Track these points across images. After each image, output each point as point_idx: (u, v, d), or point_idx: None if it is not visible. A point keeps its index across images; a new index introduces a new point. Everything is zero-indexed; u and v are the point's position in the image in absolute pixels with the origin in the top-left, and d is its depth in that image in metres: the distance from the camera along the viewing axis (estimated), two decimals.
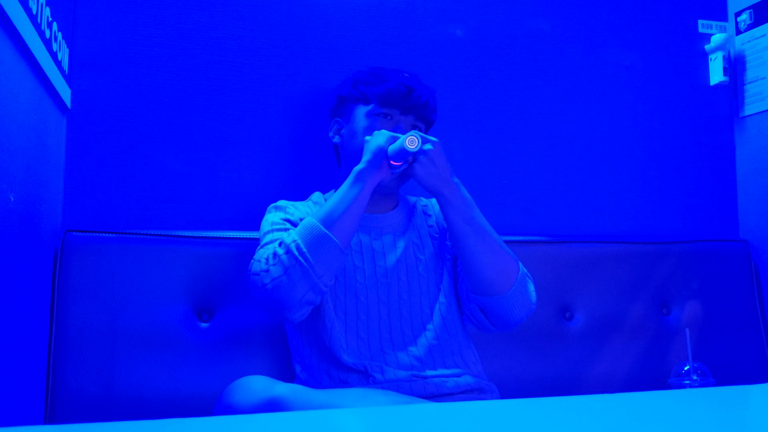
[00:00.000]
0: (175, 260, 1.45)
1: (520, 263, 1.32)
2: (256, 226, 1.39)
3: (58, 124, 1.42)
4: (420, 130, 1.42)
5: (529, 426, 0.71)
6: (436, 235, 1.42)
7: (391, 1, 1.74)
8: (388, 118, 1.38)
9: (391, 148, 1.27)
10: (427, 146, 1.27)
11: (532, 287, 1.33)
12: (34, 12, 1.14)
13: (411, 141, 1.25)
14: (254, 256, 1.25)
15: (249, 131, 1.62)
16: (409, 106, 1.38)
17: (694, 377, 1.41)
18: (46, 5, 1.23)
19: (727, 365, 1.71)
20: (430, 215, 1.45)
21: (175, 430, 0.70)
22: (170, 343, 1.41)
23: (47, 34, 1.24)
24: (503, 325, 1.33)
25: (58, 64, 1.35)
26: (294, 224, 1.32)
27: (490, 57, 1.80)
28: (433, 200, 1.48)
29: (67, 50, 1.44)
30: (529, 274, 1.34)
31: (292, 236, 1.21)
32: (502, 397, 1.37)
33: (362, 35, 1.71)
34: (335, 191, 1.32)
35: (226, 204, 1.59)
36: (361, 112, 1.40)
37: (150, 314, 1.41)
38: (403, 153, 1.25)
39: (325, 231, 1.20)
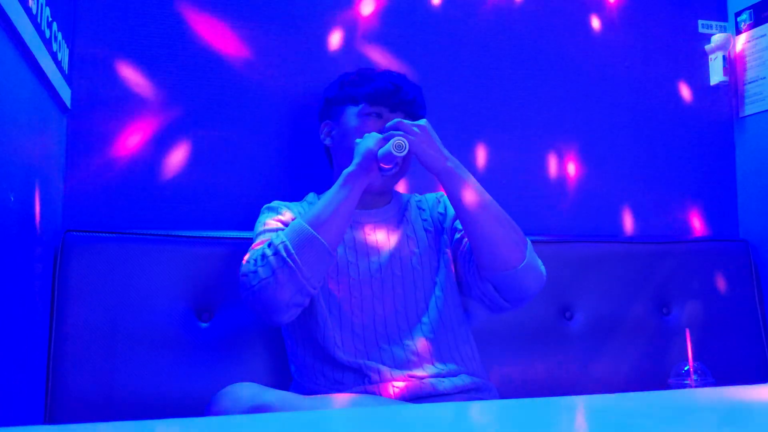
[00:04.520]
0: (175, 260, 1.45)
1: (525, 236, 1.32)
2: None
3: (58, 124, 1.42)
4: None
5: (529, 426, 0.71)
6: (431, 229, 1.42)
7: (390, 2, 1.74)
8: (378, 116, 1.38)
9: (381, 151, 1.27)
10: (414, 132, 1.27)
11: (539, 259, 1.33)
12: (34, 12, 1.14)
13: (398, 146, 1.24)
14: (245, 257, 1.26)
15: (248, 131, 1.61)
16: (397, 103, 1.39)
17: (694, 377, 1.41)
18: (46, 5, 1.23)
19: (727, 365, 1.70)
20: (423, 209, 1.45)
21: (175, 430, 0.70)
22: (170, 343, 1.41)
23: (47, 34, 1.24)
24: (518, 300, 1.33)
25: (58, 64, 1.35)
26: (286, 225, 1.32)
27: (490, 57, 1.80)
28: (428, 195, 1.49)
29: (67, 50, 1.44)
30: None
31: (280, 237, 1.21)
32: (502, 397, 1.37)
33: (360, 37, 1.71)
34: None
35: (226, 204, 1.59)
36: (350, 112, 1.40)
37: (150, 314, 1.41)
38: (391, 156, 1.25)
39: (313, 232, 1.20)
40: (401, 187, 1.53)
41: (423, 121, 1.30)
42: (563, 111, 1.84)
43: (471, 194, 1.28)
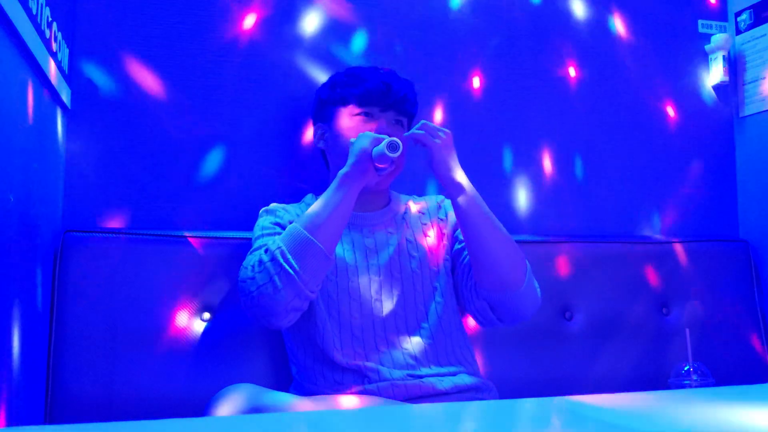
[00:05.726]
0: (175, 260, 1.45)
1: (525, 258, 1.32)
2: None
3: (58, 124, 1.42)
4: (402, 124, 1.41)
5: (529, 426, 0.71)
6: (431, 233, 1.42)
7: (390, 2, 1.74)
8: (370, 116, 1.38)
9: (375, 151, 1.26)
10: (439, 136, 1.27)
11: (536, 282, 1.33)
12: (34, 12, 1.14)
13: (392, 146, 1.23)
14: (243, 262, 1.25)
15: (248, 131, 1.61)
16: (389, 103, 1.38)
17: (694, 377, 1.41)
18: (46, 5, 1.23)
19: (727, 365, 1.71)
20: (423, 213, 1.45)
21: (175, 430, 0.70)
22: (170, 343, 1.41)
23: (47, 34, 1.24)
24: (512, 321, 1.34)
25: (58, 64, 1.35)
26: (284, 228, 1.31)
27: (491, 56, 1.80)
28: (429, 198, 1.48)
29: (67, 50, 1.44)
30: None
31: (277, 243, 1.20)
32: (502, 397, 1.37)
33: (360, 36, 1.71)
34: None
35: (226, 204, 1.59)
36: (342, 113, 1.40)
37: (150, 314, 1.41)
38: (386, 156, 1.24)
39: (310, 237, 1.19)
40: (398, 188, 1.53)
41: (446, 130, 1.30)
42: (563, 110, 1.84)
43: (477, 212, 1.28)
